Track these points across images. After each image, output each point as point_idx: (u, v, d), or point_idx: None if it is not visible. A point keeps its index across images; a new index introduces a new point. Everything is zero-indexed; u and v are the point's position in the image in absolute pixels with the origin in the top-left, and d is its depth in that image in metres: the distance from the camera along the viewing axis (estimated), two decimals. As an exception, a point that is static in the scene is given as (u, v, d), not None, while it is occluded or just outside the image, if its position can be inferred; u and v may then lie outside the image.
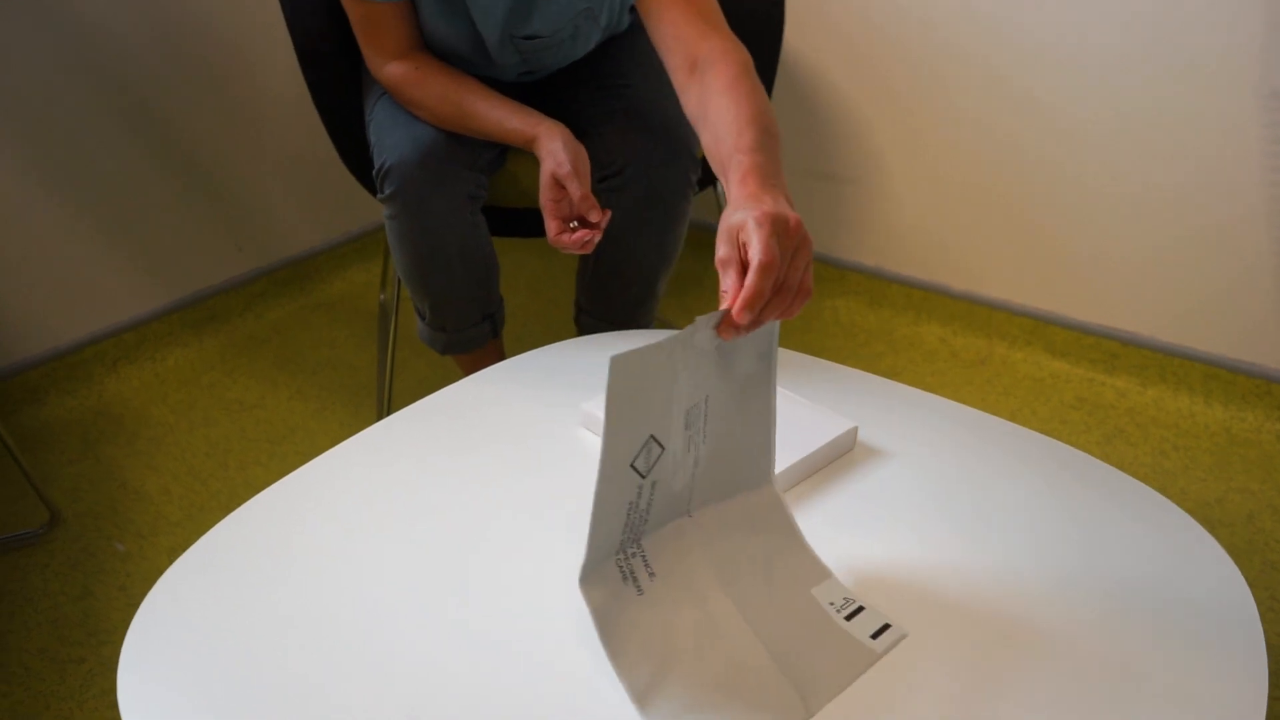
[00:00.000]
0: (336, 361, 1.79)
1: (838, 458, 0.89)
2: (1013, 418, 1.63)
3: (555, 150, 1.09)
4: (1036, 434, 0.94)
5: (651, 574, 0.70)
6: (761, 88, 0.94)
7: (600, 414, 0.84)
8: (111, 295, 1.69)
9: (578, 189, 1.07)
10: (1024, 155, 1.68)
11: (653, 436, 0.66)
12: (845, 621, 0.70)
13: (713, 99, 0.91)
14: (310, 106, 1.86)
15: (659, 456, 0.67)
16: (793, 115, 1.87)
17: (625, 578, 0.69)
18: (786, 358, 1.05)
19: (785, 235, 0.69)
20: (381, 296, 1.99)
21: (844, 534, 0.79)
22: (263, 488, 0.85)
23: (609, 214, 1.08)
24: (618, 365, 0.60)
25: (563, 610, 0.71)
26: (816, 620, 0.70)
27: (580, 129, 1.23)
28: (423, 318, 1.31)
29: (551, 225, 1.09)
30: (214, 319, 1.84)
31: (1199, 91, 1.49)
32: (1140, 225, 1.62)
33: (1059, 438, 1.57)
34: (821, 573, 0.74)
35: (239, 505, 0.81)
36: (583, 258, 1.32)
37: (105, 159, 1.62)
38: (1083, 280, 1.72)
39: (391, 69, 1.18)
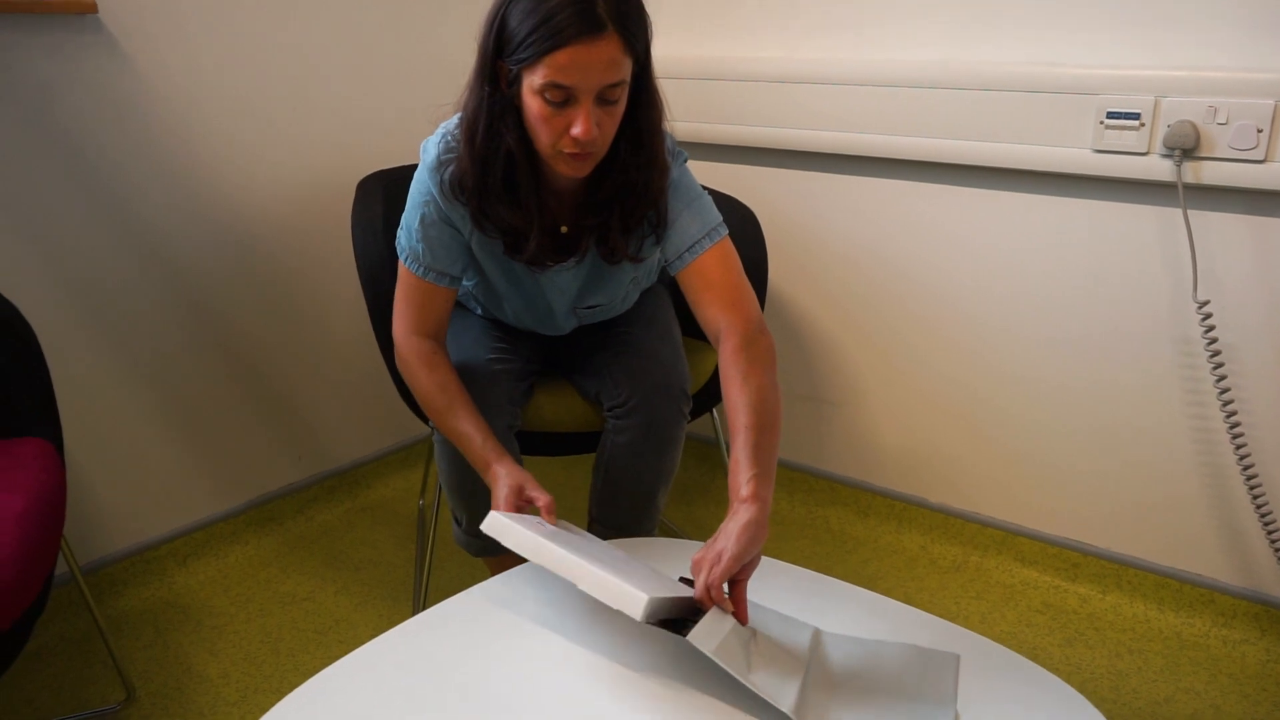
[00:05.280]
0: (378, 560, 2.01)
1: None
2: (984, 620, 1.81)
3: (511, 473, 1.28)
4: (994, 644, 1.11)
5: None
6: (763, 358, 1.22)
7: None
8: (187, 499, 1.94)
9: (542, 496, 1.27)
10: (993, 387, 1.94)
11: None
12: None
13: (726, 378, 1.21)
14: (363, 334, 2.17)
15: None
16: (783, 348, 2.15)
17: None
18: (786, 571, 1.25)
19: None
20: (420, 502, 2.23)
21: None
22: (310, 673, 1.00)
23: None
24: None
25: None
26: None
27: (594, 370, 1.49)
28: (459, 524, 1.53)
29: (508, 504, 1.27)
30: (272, 520, 2.08)
31: (1124, 338, 1.75)
32: (1094, 453, 1.85)
33: (1025, 639, 1.75)
34: None
35: (289, 689, 0.96)
36: (593, 475, 1.54)
37: (187, 377, 1.90)
38: (1048, 497, 1.93)
39: (414, 341, 1.35)
